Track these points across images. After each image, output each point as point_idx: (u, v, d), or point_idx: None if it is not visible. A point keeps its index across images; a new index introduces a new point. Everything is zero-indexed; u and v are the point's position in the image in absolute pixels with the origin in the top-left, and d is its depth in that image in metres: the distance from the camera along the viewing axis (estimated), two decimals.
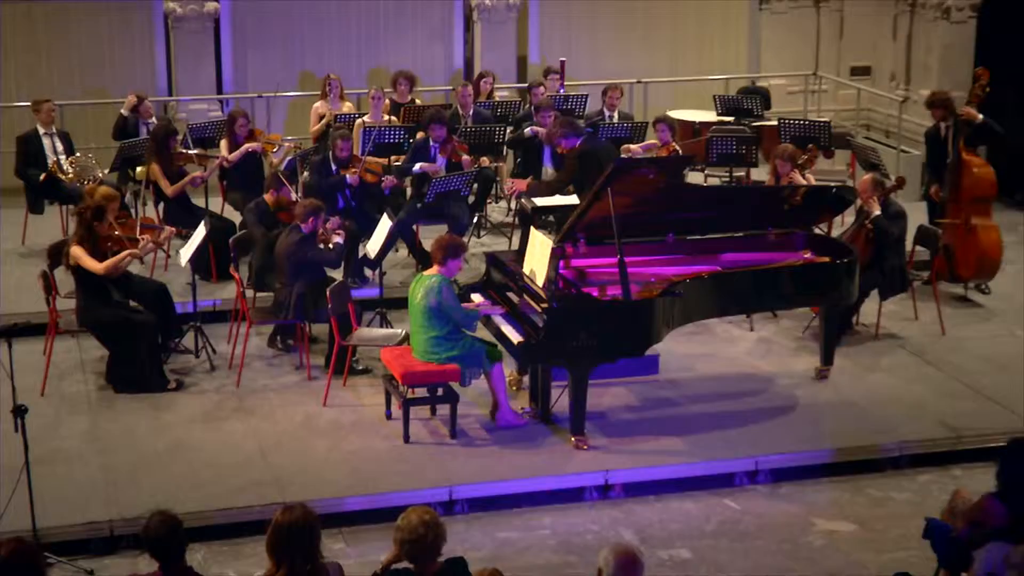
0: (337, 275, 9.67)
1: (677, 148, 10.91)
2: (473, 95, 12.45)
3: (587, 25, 14.60)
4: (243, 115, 11.17)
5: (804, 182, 10.16)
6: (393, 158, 11.29)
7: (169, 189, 10.58)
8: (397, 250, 11.21)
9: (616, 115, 12.02)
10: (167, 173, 10.60)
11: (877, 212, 9.52)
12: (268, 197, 9.64)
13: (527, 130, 11.52)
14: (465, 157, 10.83)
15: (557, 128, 9.92)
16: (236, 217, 10.79)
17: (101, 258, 8.60)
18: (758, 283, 8.49)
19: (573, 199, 10.31)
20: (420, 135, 11.28)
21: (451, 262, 7.89)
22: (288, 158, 10.94)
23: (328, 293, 8.53)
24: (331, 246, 8.95)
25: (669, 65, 14.87)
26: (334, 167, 10.55)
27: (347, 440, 8.07)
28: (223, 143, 11.16)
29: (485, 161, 11.29)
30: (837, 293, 8.73)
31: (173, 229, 9.49)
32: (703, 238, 8.99)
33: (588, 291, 8.17)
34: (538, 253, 8.11)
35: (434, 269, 7.93)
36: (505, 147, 12.01)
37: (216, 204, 11.38)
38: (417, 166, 10.69)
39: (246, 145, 10.97)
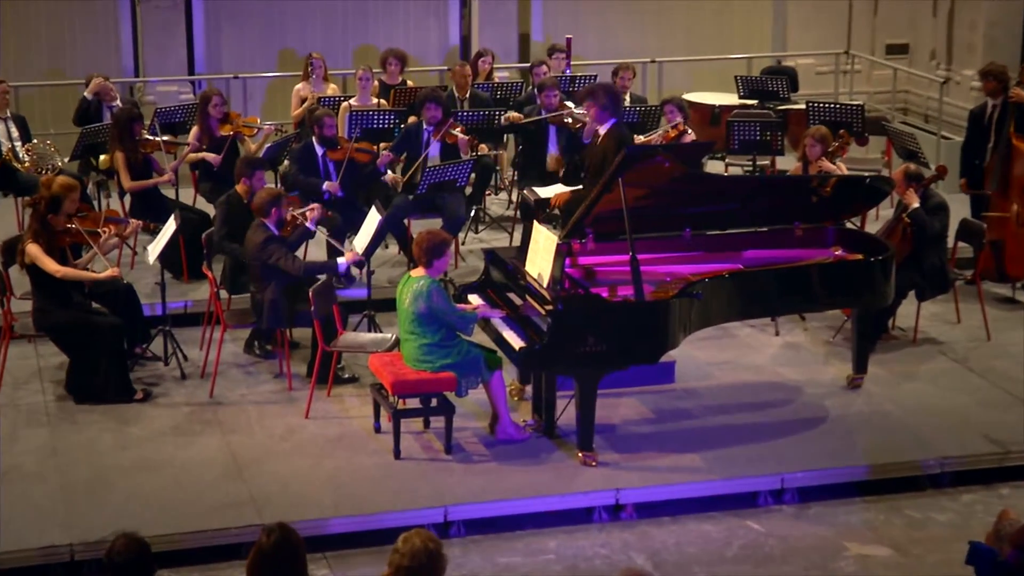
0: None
1: (688, 130, 10.91)
2: (471, 76, 12.46)
3: None
4: (217, 95, 11.15)
5: (835, 171, 10.16)
6: (382, 145, 11.31)
7: (127, 183, 10.57)
8: (387, 246, 11.23)
9: (628, 98, 12.03)
10: (131, 163, 10.59)
11: (915, 205, 9.53)
12: (240, 188, 9.60)
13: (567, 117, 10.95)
14: (462, 137, 10.78)
15: (600, 96, 9.06)
16: (210, 209, 10.79)
17: (57, 255, 8.60)
18: (784, 283, 8.50)
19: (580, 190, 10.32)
20: (412, 120, 11.30)
21: (437, 262, 7.89)
22: (267, 145, 10.95)
23: (311, 294, 8.54)
24: (297, 227, 8.92)
25: (685, 43, 14.90)
26: (319, 149, 10.53)
27: (332, 456, 8.08)
28: (195, 129, 11.17)
29: (484, 148, 11.30)
30: (871, 294, 8.73)
31: (140, 223, 9.50)
32: (723, 233, 9.00)
33: (597, 292, 8.17)
34: (542, 250, 8.12)
35: (420, 270, 7.93)
36: (506, 133, 12.02)
37: (188, 195, 11.41)
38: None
39: (222, 132, 10.96)
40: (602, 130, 9.21)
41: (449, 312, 7.86)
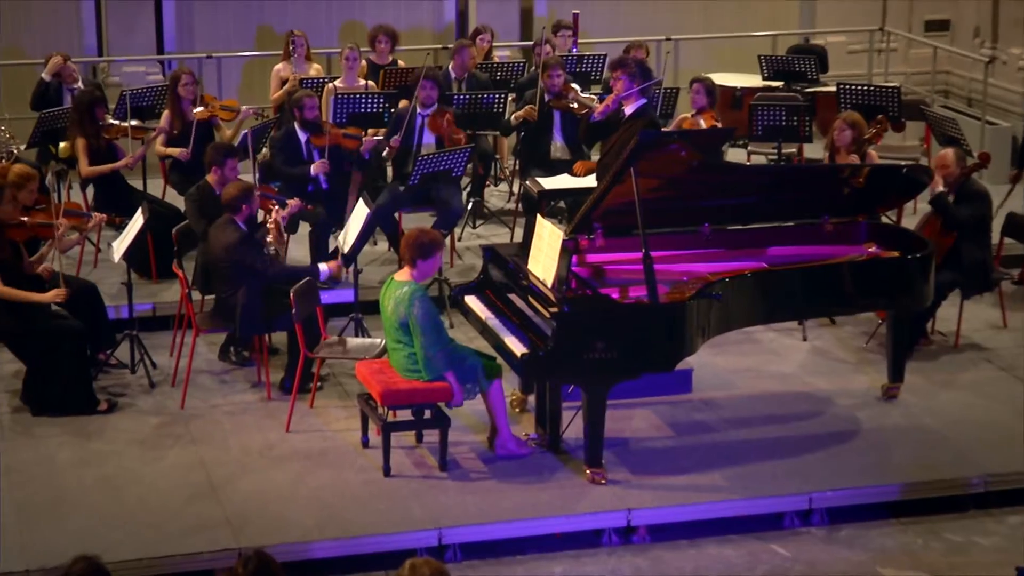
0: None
1: (716, 120, 10.92)
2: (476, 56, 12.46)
3: None
4: (187, 73, 11.16)
5: (868, 160, 10.17)
6: (371, 132, 11.32)
7: (85, 169, 10.58)
8: (376, 243, 11.24)
9: None
10: (93, 150, 10.60)
11: (940, 189, 9.52)
12: (211, 178, 9.59)
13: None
14: (447, 127, 10.79)
15: (632, 67, 8.99)
16: (181, 202, 10.81)
17: (8, 251, 8.59)
18: (812, 283, 8.50)
19: (589, 180, 10.33)
20: (403, 103, 11.30)
21: (423, 263, 7.86)
22: (243, 131, 10.95)
23: (292, 295, 8.55)
24: (271, 247, 8.90)
25: (703, 19, 14.90)
26: (303, 135, 10.54)
27: (315, 473, 8.09)
28: (165, 113, 11.18)
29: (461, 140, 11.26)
30: (908, 295, 8.74)
31: (103, 217, 9.51)
32: (745, 228, 9.00)
33: (606, 292, 8.18)
34: (546, 247, 8.12)
35: (405, 272, 7.92)
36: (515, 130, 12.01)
37: (156, 187, 11.42)
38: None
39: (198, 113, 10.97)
40: (628, 109, 9.22)
41: (427, 329, 7.73)
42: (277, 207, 9.32)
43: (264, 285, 8.88)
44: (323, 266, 9.08)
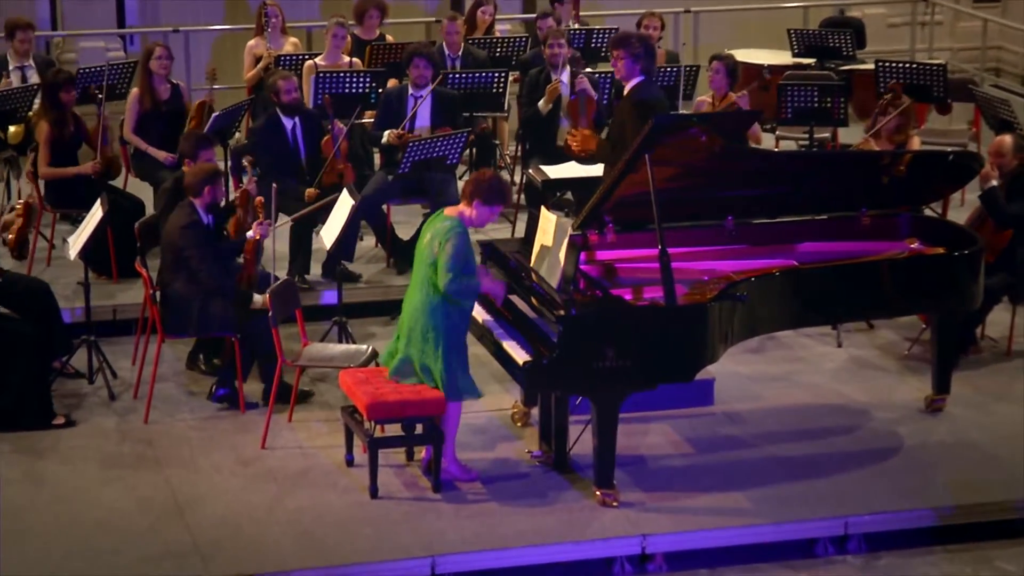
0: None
1: (737, 101, 10.94)
2: (466, 30, 12.47)
3: None
4: (161, 47, 11.15)
5: (909, 145, 10.19)
6: (368, 114, 11.31)
7: (44, 167, 10.56)
8: (362, 238, 11.25)
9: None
10: (56, 140, 10.57)
11: (994, 182, 9.53)
12: (187, 170, 9.60)
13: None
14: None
15: (635, 45, 8.93)
16: (145, 193, 10.81)
17: None
18: (848, 283, 8.51)
19: (598, 168, 10.33)
20: (392, 83, 11.32)
21: (481, 207, 7.80)
22: (214, 114, 10.97)
23: (268, 296, 8.56)
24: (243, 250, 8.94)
25: None
26: (288, 121, 10.51)
27: (294, 494, 8.10)
28: (134, 91, 11.16)
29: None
30: (955, 296, 8.75)
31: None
32: (773, 222, 9.01)
33: (618, 293, 8.19)
34: (552, 243, 8.13)
35: (456, 208, 7.90)
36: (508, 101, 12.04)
37: (118, 176, 11.42)
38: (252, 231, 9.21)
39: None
40: (627, 88, 9.23)
41: (452, 268, 7.67)
42: (250, 177, 9.32)
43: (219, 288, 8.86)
44: (257, 297, 9.00)
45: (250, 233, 9.02)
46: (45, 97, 10.63)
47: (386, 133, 10.74)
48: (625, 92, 9.09)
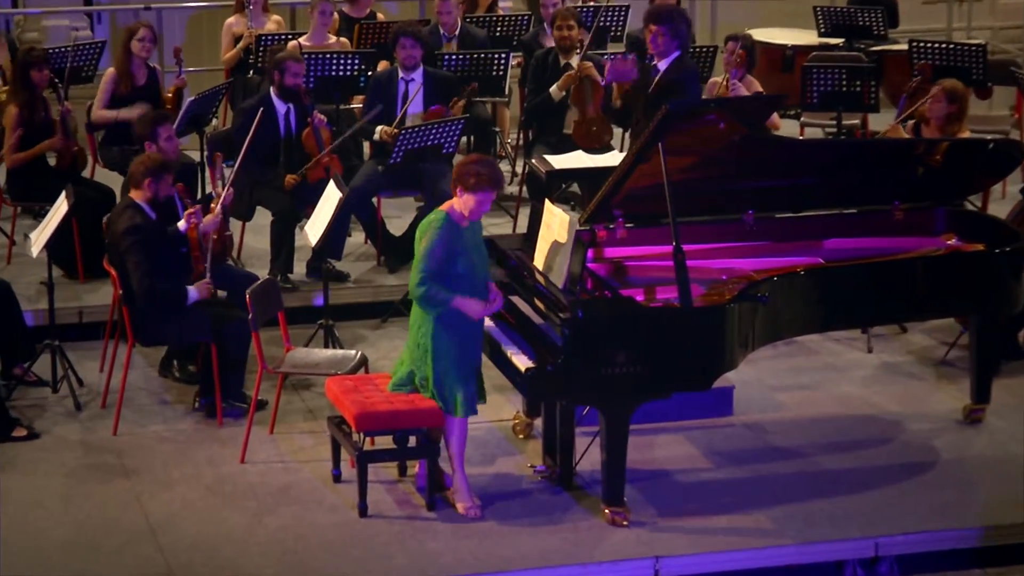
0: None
1: (757, 84, 10.94)
2: (464, 7, 12.47)
3: None
4: (146, 27, 11.13)
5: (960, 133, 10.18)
6: (358, 99, 11.32)
7: (8, 155, 10.56)
8: (350, 234, 11.25)
9: None
10: (27, 123, 10.56)
11: None
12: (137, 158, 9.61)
13: None
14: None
15: (677, 19, 8.97)
16: (115, 182, 10.81)
17: None
18: (879, 282, 8.52)
19: (608, 158, 10.35)
20: (383, 65, 11.32)
21: (463, 194, 7.68)
22: (188, 99, 10.97)
23: (248, 297, 8.56)
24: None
25: None
26: (281, 106, 10.49)
27: (276, 513, 8.10)
28: (109, 72, 11.13)
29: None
30: (996, 297, 8.75)
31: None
32: (798, 217, 9.01)
33: (629, 294, 8.20)
34: (556, 238, 8.14)
35: (450, 202, 7.84)
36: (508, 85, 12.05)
37: (84, 169, 11.42)
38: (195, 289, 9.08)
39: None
40: (662, 65, 9.24)
41: (425, 260, 7.63)
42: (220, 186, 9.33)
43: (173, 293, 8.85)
44: (191, 290, 8.94)
45: (182, 225, 8.97)
46: (15, 77, 10.62)
47: (378, 130, 10.74)
48: (662, 70, 9.11)
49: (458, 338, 7.82)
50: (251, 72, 12.08)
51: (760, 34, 13.15)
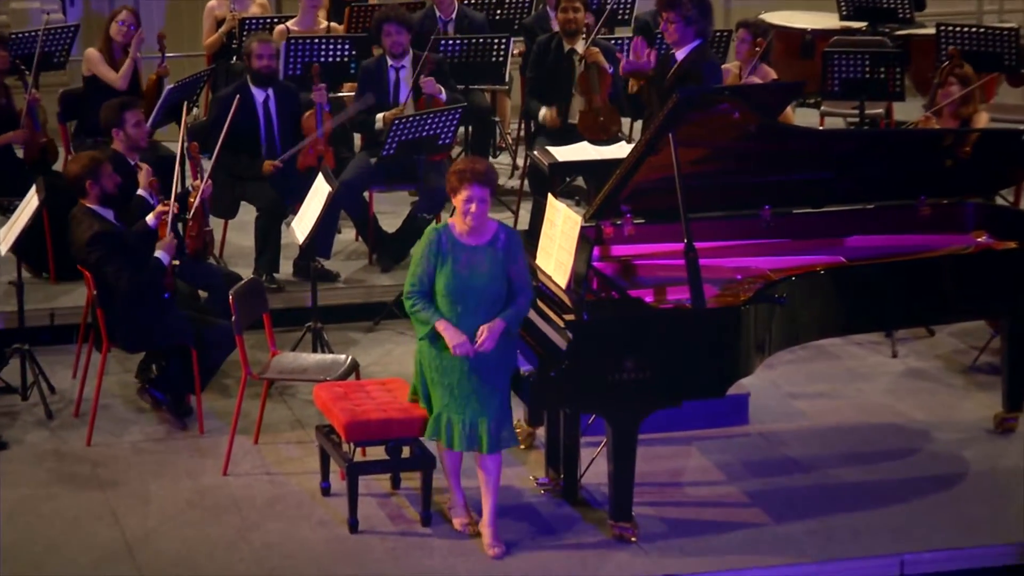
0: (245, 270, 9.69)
1: (773, 73, 10.95)
2: None
3: None
4: (128, 11, 11.15)
5: (975, 123, 10.19)
6: (347, 87, 11.32)
7: None
8: (340, 230, 11.26)
9: None
10: None
11: None
12: (118, 145, 9.54)
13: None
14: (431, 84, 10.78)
15: (687, 6, 9.02)
16: None
17: None
18: (904, 282, 8.53)
19: (615, 150, 10.34)
20: (378, 51, 11.31)
21: (454, 198, 7.55)
22: (168, 87, 10.97)
23: (231, 298, 8.56)
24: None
25: None
26: (259, 94, 10.51)
27: (261, 528, 8.11)
28: (92, 52, 11.13)
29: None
30: None
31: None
32: (817, 213, 9.02)
33: (638, 295, 8.20)
34: (560, 236, 8.14)
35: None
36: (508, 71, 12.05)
37: (56, 162, 11.42)
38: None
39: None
40: (680, 53, 9.23)
41: (412, 270, 7.59)
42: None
43: (145, 296, 8.85)
44: (160, 254, 8.86)
45: (151, 219, 8.96)
46: None
47: (379, 117, 10.76)
48: (679, 59, 9.12)
49: (439, 361, 7.68)
50: (234, 58, 12.09)
51: (777, 17, 13.16)
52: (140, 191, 9.17)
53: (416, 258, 7.67)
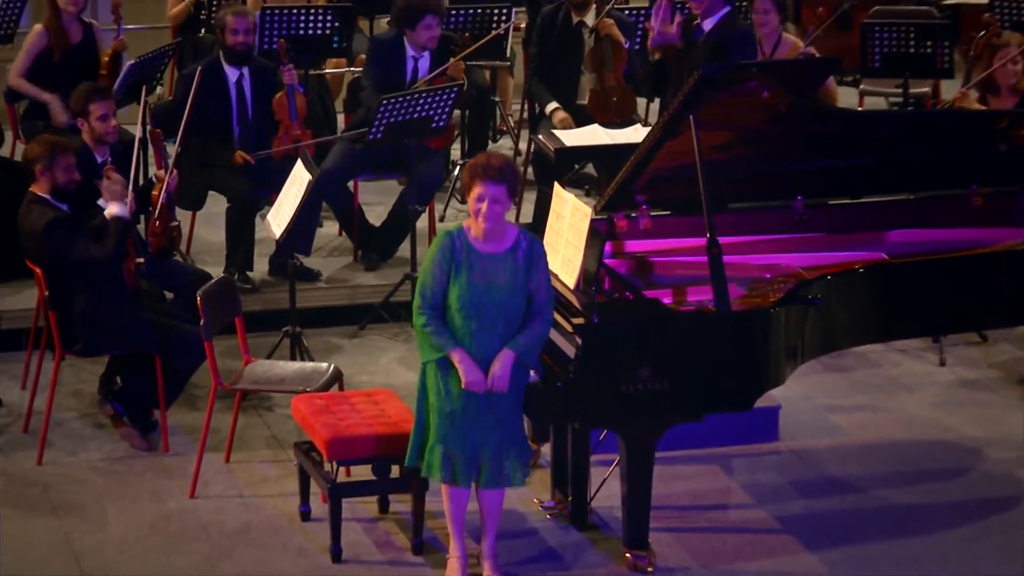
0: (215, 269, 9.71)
1: (800, 44, 10.97)
2: None
3: None
4: None
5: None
6: (333, 63, 11.33)
7: None
8: (322, 225, 11.27)
9: None
10: None
11: None
12: (86, 136, 9.60)
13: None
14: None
15: None
16: None
17: None
18: (953, 282, 8.56)
19: (629, 133, 10.36)
20: (386, 27, 11.31)
21: (468, 198, 7.48)
22: (128, 63, 10.99)
23: (199, 298, 8.58)
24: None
25: None
26: (232, 73, 10.53)
27: (232, 556, 8.13)
28: (36, 28, 11.16)
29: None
30: None
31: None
32: (855, 204, 9.04)
33: (654, 295, 8.22)
34: (568, 230, 8.16)
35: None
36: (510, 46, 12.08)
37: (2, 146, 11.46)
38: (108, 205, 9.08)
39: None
40: (707, 24, 9.26)
41: (421, 282, 7.47)
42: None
43: (105, 292, 8.87)
44: (113, 206, 8.80)
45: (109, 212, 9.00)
46: None
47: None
48: (707, 29, 9.15)
49: (442, 385, 7.55)
50: (203, 31, 12.11)
51: None
52: (101, 201, 9.10)
53: (426, 267, 7.50)
